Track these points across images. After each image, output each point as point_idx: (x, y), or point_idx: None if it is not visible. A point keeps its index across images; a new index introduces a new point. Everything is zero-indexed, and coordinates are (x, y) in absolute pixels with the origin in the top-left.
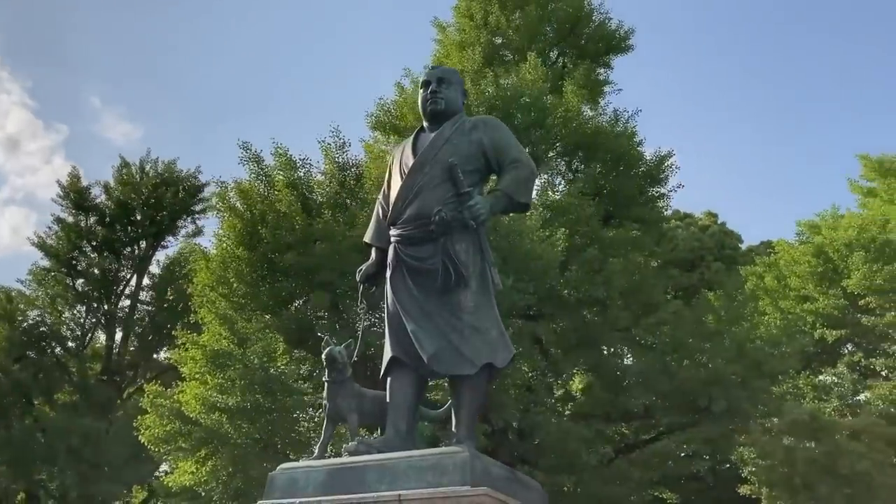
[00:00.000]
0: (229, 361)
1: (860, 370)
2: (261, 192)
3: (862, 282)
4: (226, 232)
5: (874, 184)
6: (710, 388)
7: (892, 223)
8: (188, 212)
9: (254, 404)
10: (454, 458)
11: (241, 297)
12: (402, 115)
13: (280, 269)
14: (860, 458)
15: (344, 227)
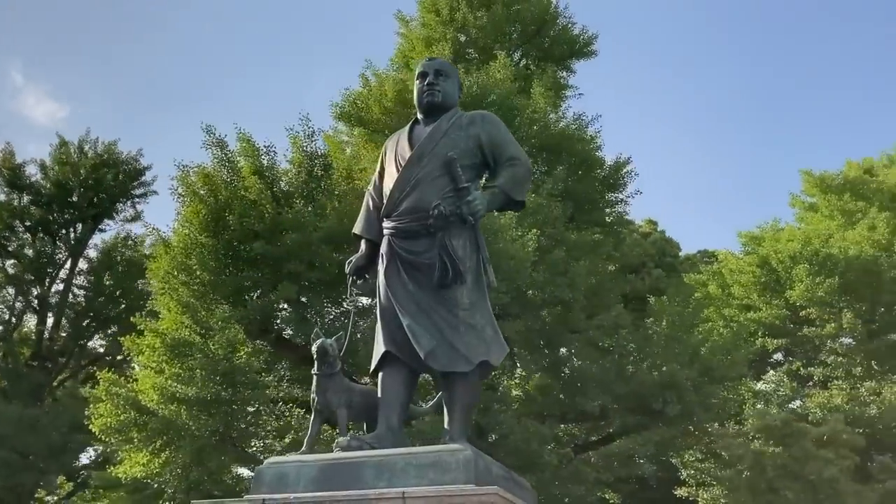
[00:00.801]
0: (190, 351)
1: (798, 378)
2: (224, 177)
3: (804, 293)
4: (189, 217)
5: (814, 199)
6: (665, 391)
7: (834, 237)
8: (128, 195)
9: (214, 395)
10: (456, 455)
11: (203, 286)
12: (367, 108)
13: (245, 258)
14: (828, 465)
15: (315, 218)
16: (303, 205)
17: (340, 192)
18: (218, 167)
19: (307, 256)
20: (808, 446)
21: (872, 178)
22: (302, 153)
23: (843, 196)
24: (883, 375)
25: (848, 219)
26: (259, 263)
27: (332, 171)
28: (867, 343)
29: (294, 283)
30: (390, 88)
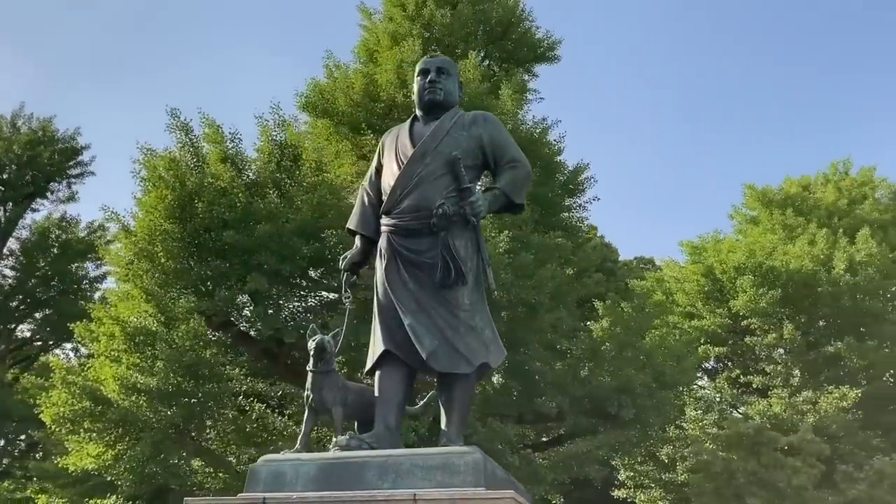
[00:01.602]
0: (151, 340)
1: (737, 386)
2: (188, 163)
3: (748, 304)
4: (153, 203)
5: (755, 212)
6: (620, 395)
7: (777, 251)
8: (63, 175)
9: (175, 387)
10: (465, 458)
11: (165, 274)
12: (333, 99)
13: (212, 247)
14: (797, 473)
15: (287, 209)
16: (276, 195)
17: (310, 184)
18: (182, 152)
19: (278, 248)
20: (777, 455)
21: (810, 195)
22: (271, 142)
23: (785, 211)
24: (819, 386)
25: (789, 233)
26: (227, 253)
27: (302, 161)
28: (805, 354)
29: (264, 274)
30: (357, 81)
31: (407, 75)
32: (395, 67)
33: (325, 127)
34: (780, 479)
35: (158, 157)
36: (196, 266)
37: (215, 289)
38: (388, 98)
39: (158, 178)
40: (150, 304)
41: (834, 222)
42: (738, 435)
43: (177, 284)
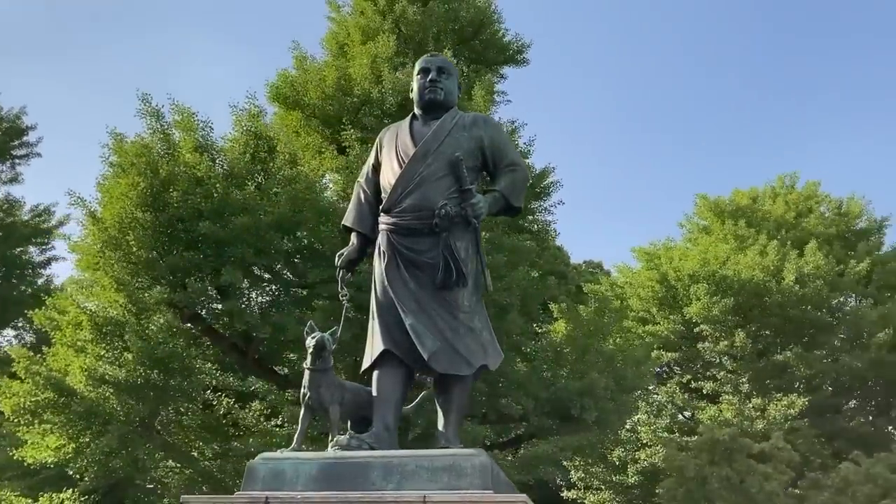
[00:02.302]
0: (120, 331)
1: (688, 391)
2: (160, 150)
3: (701, 311)
4: (124, 191)
5: (706, 222)
6: (583, 398)
7: (730, 260)
8: (7, 155)
9: (144, 380)
10: (472, 460)
11: (134, 264)
12: (304, 91)
13: (185, 238)
14: (768, 479)
15: (265, 202)
16: (254, 187)
17: (284, 177)
18: (153, 138)
19: (254, 241)
20: (750, 461)
21: (759, 207)
22: (246, 133)
23: (737, 222)
24: (767, 393)
25: (740, 243)
26: (200, 245)
27: (277, 153)
28: (755, 362)
29: (238, 268)
30: (330, 75)
31: (382, 70)
32: (369, 62)
33: (295, 119)
34: (752, 484)
35: (129, 144)
36: (168, 257)
37: (187, 280)
38: (362, 93)
39: (131, 165)
40: (121, 294)
41: (782, 234)
42: (713, 441)
43: (148, 275)
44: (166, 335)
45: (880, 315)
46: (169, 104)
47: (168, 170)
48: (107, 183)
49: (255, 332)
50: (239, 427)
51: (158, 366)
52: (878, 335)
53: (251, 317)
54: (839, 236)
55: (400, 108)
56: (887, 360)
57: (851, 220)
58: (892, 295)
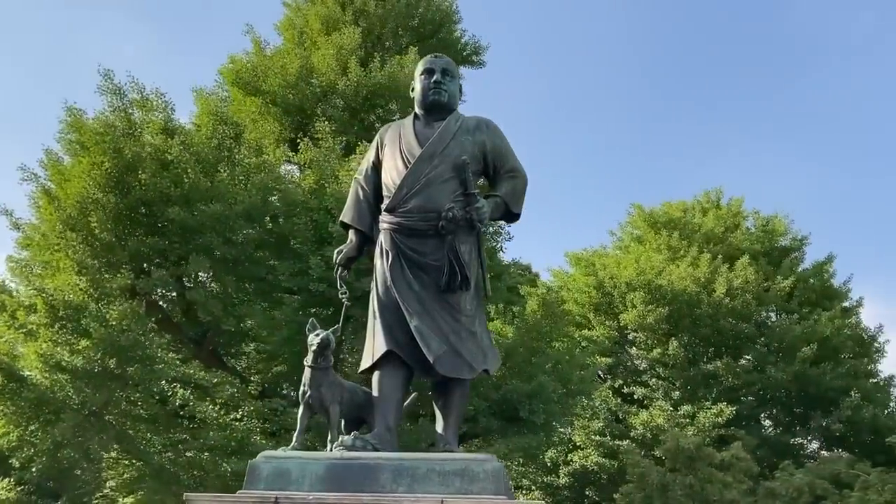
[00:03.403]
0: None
1: (620, 396)
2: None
3: (636, 319)
4: (86, 170)
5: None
6: (532, 400)
7: (665, 271)
8: None
9: (102, 368)
10: (484, 465)
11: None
12: (263, 77)
13: (149, 222)
14: (728, 487)
15: (237, 190)
16: (227, 174)
17: (251, 165)
18: (115, 117)
19: (223, 230)
20: (711, 469)
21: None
22: (214, 118)
23: (672, 233)
24: (697, 401)
25: (673, 255)
26: (166, 231)
27: (243, 140)
28: (686, 370)
29: (206, 257)
30: (293, 62)
31: (348, 62)
32: (335, 53)
33: (254, 105)
34: (712, 493)
35: (91, 122)
36: (131, 241)
37: (150, 268)
38: (327, 83)
39: (95, 144)
40: (83, 278)
41: (711, 248)
42: (678, 449)
43: (109, 259)
44: (130, 322)
45: (804, 330)
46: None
47: (133, 151)
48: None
49: (218, 323)
50: (194, 420)
51: (119, 354)
52: (803, 349)
53: (215, 307)
54: (764, 252)
55: (365, 101)
56: (810, 374)
57: (775, 237)
58: (812, 310)
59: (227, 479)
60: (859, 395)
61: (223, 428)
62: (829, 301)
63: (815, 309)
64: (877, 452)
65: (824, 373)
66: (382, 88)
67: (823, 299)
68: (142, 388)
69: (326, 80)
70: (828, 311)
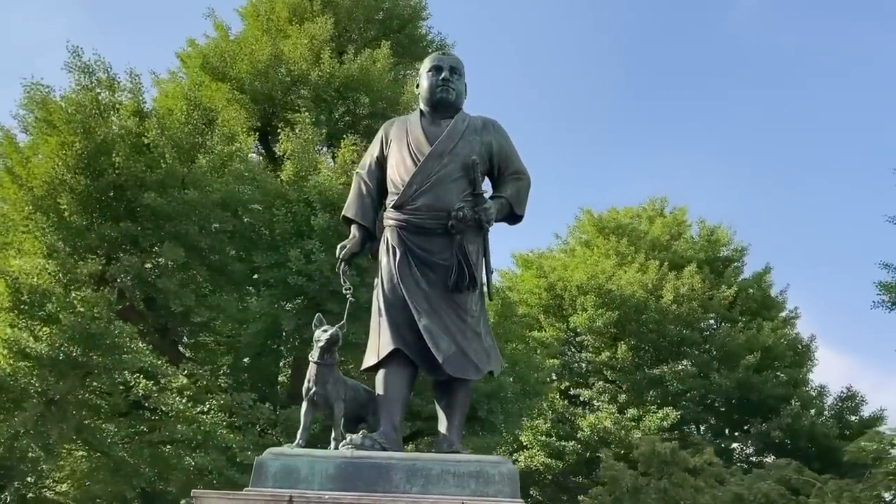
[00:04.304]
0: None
1: (567, 398)
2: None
3: (586, 322)
4: (54, 149)
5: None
6: (491, 400)
7: (615, 275)
8: None
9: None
10: (499, 468)
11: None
12: (231, 63)
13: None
14: (700, 492)
15: (215, 177)
16: (206, 161)
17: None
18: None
19: (198, 218)
20: (685, 475)
21: (636, 226)
22: (185, 100)
23: (620, 239)
24: (643, 404)
25: (621, 260)
26: (139, 217)
27: (217, 126)
28: (632, 374)
29: (180, 244)
30: (263, 50)
31: (322, 53)
32: (308, 43)
33: (222, 91)
34: (685, 497)
35: (60, 100)
36: (101, 226)
37: (121, 254)
38: (299, 72)
39: (65, 123)
40: (53, 262)
41: (656, 254)
42: (654, 453)
43: (76, 243)
44: (102, 310)
45: (747, 338)
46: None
47: (105, 132)
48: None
49: (188, 313)
50: (156, 412)
51: (87, 342)
52: (747, 357)
53: (187, 297)
54: (707, 261)
55: (336, 92)
56: (752, 381)
57: (718, 247)
58: (752, 319)
59: (189, 472)
60: (799, 404)
61: (190, 421)
62: (768, 311)
63: (756, 318)
64: (812, 459)
65: (766, 380)
66: (355, 82)
67: (763, 309)
68: (107, 377)
69: (298, 70)
70: (769, 321)
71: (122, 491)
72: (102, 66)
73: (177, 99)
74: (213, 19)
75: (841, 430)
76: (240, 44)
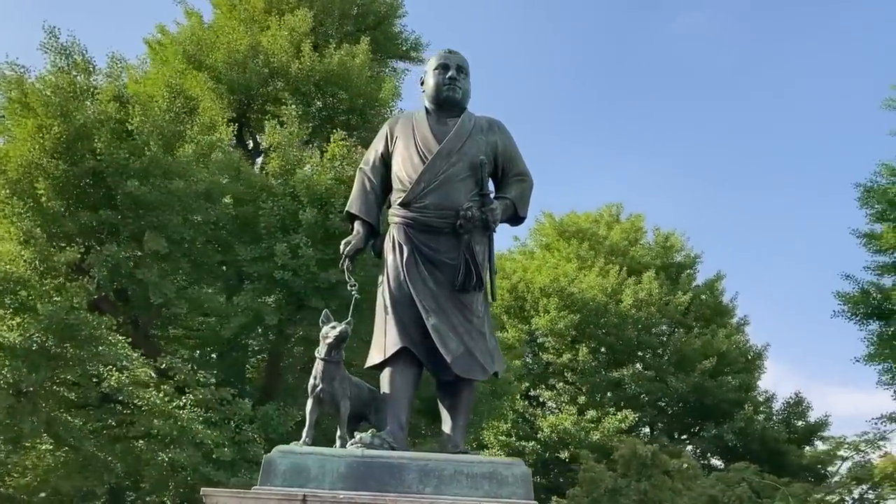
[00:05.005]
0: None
1: (527, 399)
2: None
3: (548, 324)
4: (31, 132)
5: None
6: None
7: (578, 279)
8: None
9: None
10: (513, 469)
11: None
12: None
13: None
14: (679, 494)
15: (200, 167)
16: (191, 150)
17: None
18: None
19: (182, 209)
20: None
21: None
22: (170, 90)
23: (582, 244)
24: (601, 407)
25: (581, 263)
26: (119, 205)
27: (199, 114)
28: (592, 376)
29: (162, 235)
30: (242, 40)
31: (302, 45)
32: (288, 35)
33: (199, 80)
34: (665, 498)
35: (37, 80)
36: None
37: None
38: (278, 64)
39: (43, 105)
40: (30, 250)
41: (615, 259)
42: (634, 455)
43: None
44: (82, 300)
45: (703, 343)
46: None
47: (85, 117)
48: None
49: (166, 306)
50: (128, 406)
51: (63, 333)
52: (703, 362)
53: (168, 288)
54: (662, 267)
55: (315, 87)
56: (707, 386)
57: (672, 253)
58: (706, 325)
59: (162, 469)
60: (752, 408)
61: (166, 416)
62: (721, 317)
63: (710, 324)
64: (763, 462)
65: (720, 385)
66: (335, 76)
67: (716, 316)
68: (80, 369)
69: (278, 62)
70: (723, 328)
71: (91, 487)
72: (78, 48)
73: (158, 85)
74: (185, 6)
75: (789, 434)
76: (216, 32)
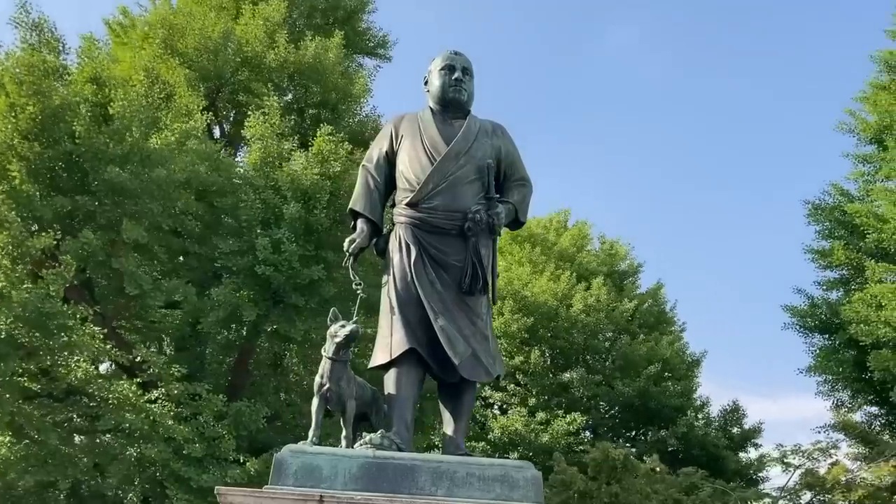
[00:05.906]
0: None
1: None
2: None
3: (501, 326)
4: (4, 112)
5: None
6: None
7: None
8: None
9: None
10: (524, 472)
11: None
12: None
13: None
14: (649, 498)
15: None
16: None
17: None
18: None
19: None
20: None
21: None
22: (146, 75)
23: (534, 248)
24: (550, 409)
25: (534, 268)
26: (97, 191)
27: (176, 101)
28: (543, 379)
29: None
30: (215, 27)
31: (277, 35)
32: (263, 24)
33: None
34: (635, 501)
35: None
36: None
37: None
38: (252, 54)
39: (17, 84)
40: (3, 234)
41: (564, 265)
42: (607, 458)
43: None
44: (59, 288)
45: (647, 350)
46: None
47: (61, 98)
48: None
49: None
50: (95, 398)
51: (36, 322)
52: (648, 368)
53: (144, 280)
54: (608, 274)
55: (289, 79)
56: (652, 391)
57: (617, 260)
58: (650, 332)
59: (130, 464)
60: (693, 414)
61: (138, 410)
62: (664, 325)
63: (653, 331)
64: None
65: (664, 391)
66: (309, 69)
67: (660, 323)
68: (50, 360)
69: (252, 51)
70: (666, 335)
71: (53, 482)
72: (47, 25)
73: (129, 69)
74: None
75: (727, 440)
76: (187, 17)
